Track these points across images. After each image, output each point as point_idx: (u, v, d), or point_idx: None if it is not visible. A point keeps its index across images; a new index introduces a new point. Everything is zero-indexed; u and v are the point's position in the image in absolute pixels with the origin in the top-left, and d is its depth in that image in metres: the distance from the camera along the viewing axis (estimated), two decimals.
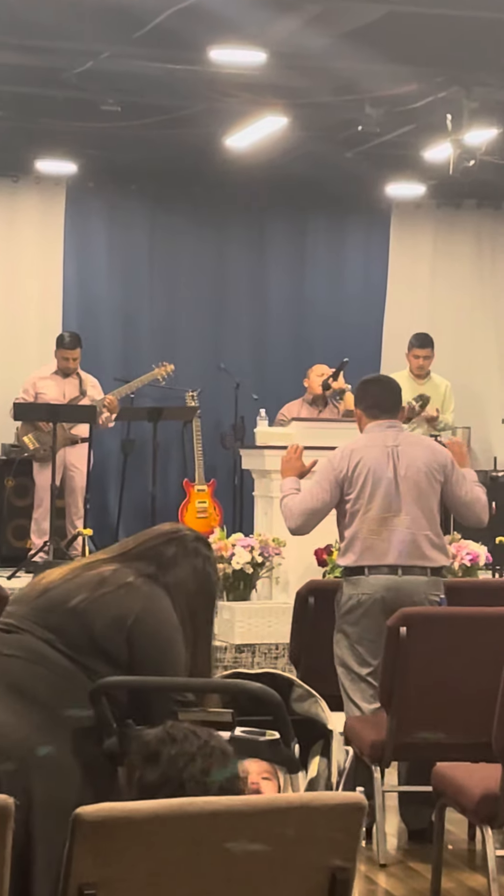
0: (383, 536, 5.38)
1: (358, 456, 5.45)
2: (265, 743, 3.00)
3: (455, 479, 5.50)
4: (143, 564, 3.18)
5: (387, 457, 5.44)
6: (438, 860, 4.56)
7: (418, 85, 8.37)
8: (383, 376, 5.91)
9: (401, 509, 5.39)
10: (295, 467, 5.72)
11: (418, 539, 5.39)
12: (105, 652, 3.02)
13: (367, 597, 5.34)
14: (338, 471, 5.45)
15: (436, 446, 5.70)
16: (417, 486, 5.42)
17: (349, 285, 11.77)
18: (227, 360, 11.04)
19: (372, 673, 5.29)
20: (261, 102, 8.86)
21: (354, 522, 5.42)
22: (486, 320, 11.87)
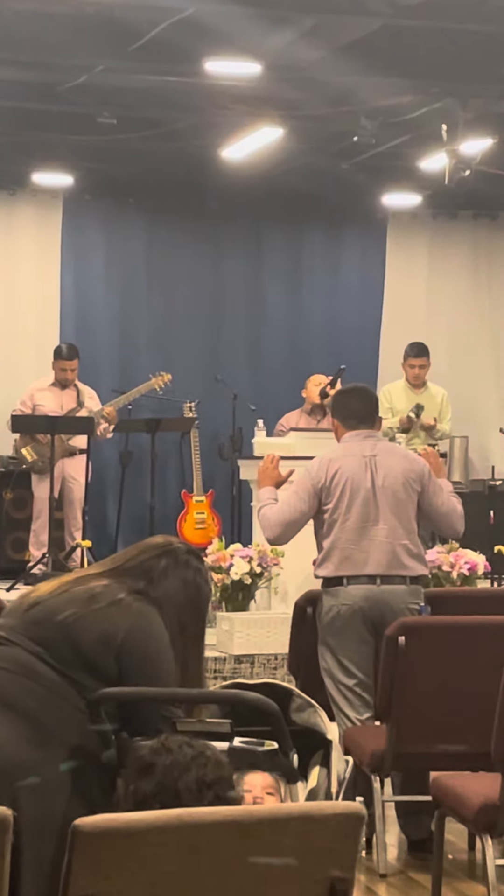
0: (361, 546, 5.39)
1: (336, 466, 5.47)
2: (264, 753, 3.00)
3: (432, 490, 5.51)
4: (134, 580, 3.18)
5: (364, 467, 5.45)
6: (438, 870, 4.56)
7: (413, 96, 8.39)
8: (360, 386, 5.90)
9: (378, 519, 5.40)
10: (272, 477, 5.73)
11: (396, 549, 5.40)
12: (94, 666, 3.01)
13: (347, 607, 5.34)
14: (315, 480, 5.46)
15: (412, 456, 5.71)
16: (395, 496, 5.43)
17: (346, 296, 11.78)
18: (225, 371, 11.05)
19: (358, 684, 5.30)
20: (256, 114, 8.88)
21: (332, 532, 5.43)
22: (482, 329, 11.89)
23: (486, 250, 11.95)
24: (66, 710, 2.97)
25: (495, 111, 8.70)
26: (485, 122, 8.65)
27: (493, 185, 10.11)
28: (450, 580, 7.86)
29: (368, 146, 9.16)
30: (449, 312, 11.82)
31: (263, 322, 11.55)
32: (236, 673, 7.52)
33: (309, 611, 5.65)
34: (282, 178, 10.34)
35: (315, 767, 3.18)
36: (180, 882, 2.38)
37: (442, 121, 8.46)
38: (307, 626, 5.65)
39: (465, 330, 11.83)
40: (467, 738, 4.77)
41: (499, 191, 10.53)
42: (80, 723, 2.96)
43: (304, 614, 5.68)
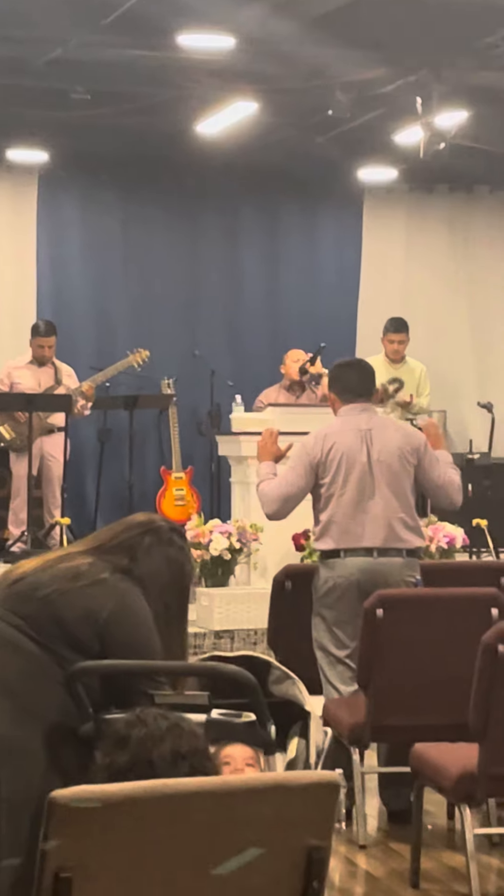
0: (358, 520, 5.40)
1: (332, 440, 5.47)
2: (241, 725, 3.00)
3: (428, 462, 5.52)
4: (118, 558, 3.18)
5: (360, 440, 5.46)
6: (417, 840, 4.59)
7: (387, 69, 8.37)
8: (357, 360, 5.94)
9: (374, 493, 5.41)
10: (271, 452, 5.74)
11: (392, 522, 5.41)
12: (76, 643, 3.01)
13: (344, 579, 5.36)
14: (312, 455, 5.47)
15: (409, 429, 5.72)
16: (391, 470, 5.44)
17: (323, 271, 11.77)
18: (202, 348, 11.04)
19: (350, 655, 5.32)
20: (230, 88, 8.85)
21: (329, 506, 5.44)
22: (459, 304, 11.89)
23: (463, 224, 11.94)
24: (46, 683, 2.97)
25: (470, 84, 8.68)
26: (459, 94, 8.64)
27: (469, 158, 10.11)
28: (429, 553, 7.88)
29: (343, 120, 9.14)
30: (426, 287, 11.81)
31: (240, 298, 11.53)
32: (216, 648, 7.53)
33: (288, 585, 5.67)
34: (257, 153, 10.31)
35: (294, 739, 3.18)
36: (157, 853, 2.39)
37: (416, 94, 8.45)
38: (286, 600, 5.66)
39: (443, 304, 11.83)
40: (445, 710, 4.80)
41: (475, 164, 10.52)
42: (60, 696, 2.97)
43: (282, 589, 5.70)
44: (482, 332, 11.90)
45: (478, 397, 10.82)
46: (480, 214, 11.95)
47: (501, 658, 4.21)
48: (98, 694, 3.00)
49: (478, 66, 8.45)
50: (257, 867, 2.46)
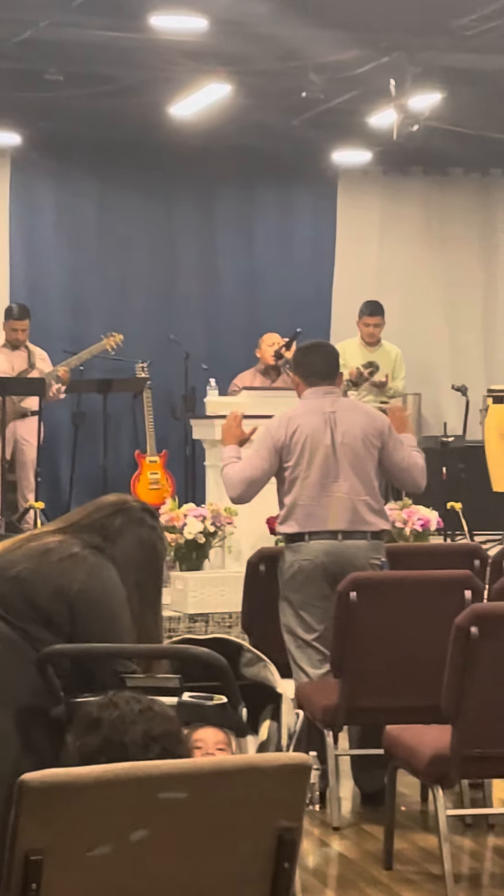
0: (322, 503, 5.40)
1: (296, 423, 5.47)
2: (213, 707, 3.00)
3: (392, 445, 5.52)
4: (90, 535, 3.18)
5: (324, 423, 5.46)
6: (391, 822, 4.60)
7: (361, 50, 8.35)
8: (321, 342, 5.91)
9: (339, 475, 5.41)
10: (235, 435, 5.73)
11: (357, 505, 5.41)
12: (48, 621, 3.01)
13: (309, 562, 5.36)
14: (276, 439, 5.47)
15: (373, 412, 5.72)
16: (354, 452, 5.44)
17: (298, 253, 11.75)
18: (177, 331, 11.02)
19: (318, 638, 5.33)
20: (204, 70, 8.82)
21: (294, 489, 5.44)
22: (434, 287, 11.90)
23: (438, 206, 11.94)
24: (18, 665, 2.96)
25: (443, 65, 8.68)
26: (433, 76, 8.63)
27: (444, 140, 10.10)
28: (403, 536, 7.90)
29: (317, 102, 9.12)
30: (401, 269, 11.81)
31: (215, 281, 11.51)
32: (191, 632, 7.53)
33: (262, 568, 5.66)
34: (232, 136, 10.29)
35: (265, 721, 3.18)
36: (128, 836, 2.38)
37: (390, 76, 8.44)
38: (260, 583, 5.66)
39: (418, 287, 11.83)
40: (419, 692, 4.81)
41: (449, 146, 10.52)
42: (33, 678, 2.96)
43: (257, 572, 5.70)
44: (457, 314, 11.91)
45: (452, 380, 10.83)
46: (455, 197, 11.95)
47: (474, 640, 4.21)
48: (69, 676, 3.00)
49: (451, 48, 8.44)
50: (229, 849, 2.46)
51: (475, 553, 5.74)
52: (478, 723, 4.27)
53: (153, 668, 3.14)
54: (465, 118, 9.81)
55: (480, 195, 12.03)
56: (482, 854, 4.80)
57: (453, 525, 9.16)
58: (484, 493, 9.98)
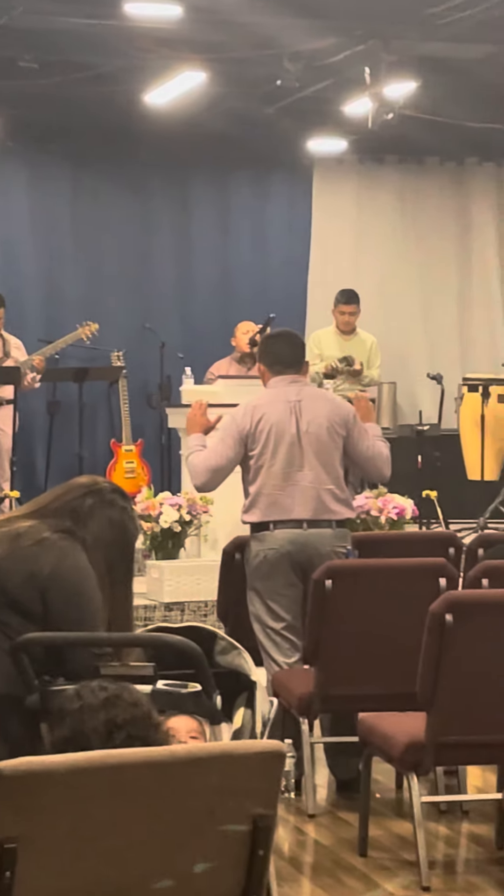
0: (287, 491, 5.40)
1: (261, 412, 5.47)
2: (187, 695, 3.01)
3: (357, 434, 5.53)
4: (60, 520, 3.17)
5: (289, 412, 5.46)
6: (365, 809, 4.61)
7: (336, 38, 8.34)
8: (286, 331, 5.90)
9: (303, 464, 5.42)
10: (200, 423, 5.72)
11: (321, 494, 5.42)
12: (19, 606, 3.01)
13: (274, 552, 5.37)
14: (241, 427, 5.46)
15: (338, 401, 5.72)
16: (319, 441, 5.45)
17: (273, 242, 11.74)
18: (152, 320, 11.00)
19: (286, 627, 5.33)
20: (178, 58, 8.80)
21: (258, 478, 5.45)
22: (409, 275, 11.90)
23: (413, 195, 11.95)
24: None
25: (418, 53, 8.68)
26: (408, 65, 8.63)
27: (419, 129, 10.10)
28: (378, 525, 7.90)
29: (292, 90, 9.11)
30: (376, 258, 11.82)
31: (191, 269, 11.49)
32: (166, 620, 7.52)
33: (237, 557, 5.66)
34: (207, 124, 10.26)
35: (240, 709, 3.19)
36: (102, 824, 2.38)
37: (365, 64, 8.43)
38: (235, 572, 5.66)
39: (393, 276, 11.83)
40: (394, 679, 4.82)
41: (424, 135, 10.52)
42: (6, 666, 2.96)
43: (232, 560, 5.70)
44: (432, 303, 11.93)
45: (427, 369, 10.85)
46: (430, 186, 11.96)
47: (449, 628, 4.23)
48: (43, 664, 2.99)
49: (425, 37, 8.44)
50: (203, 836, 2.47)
51: (450, 541, 5.75)
52: (452, 710, 4.29)
53: (125, 654, 3.15)
54: (440, 107, 9.81)
55: (456, 184, 12.03)
56: (456, 840, 4.83)
57: (428, 513, 9.18)
58: (459, 482, 10.02)
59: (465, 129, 10.38)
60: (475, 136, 10.78)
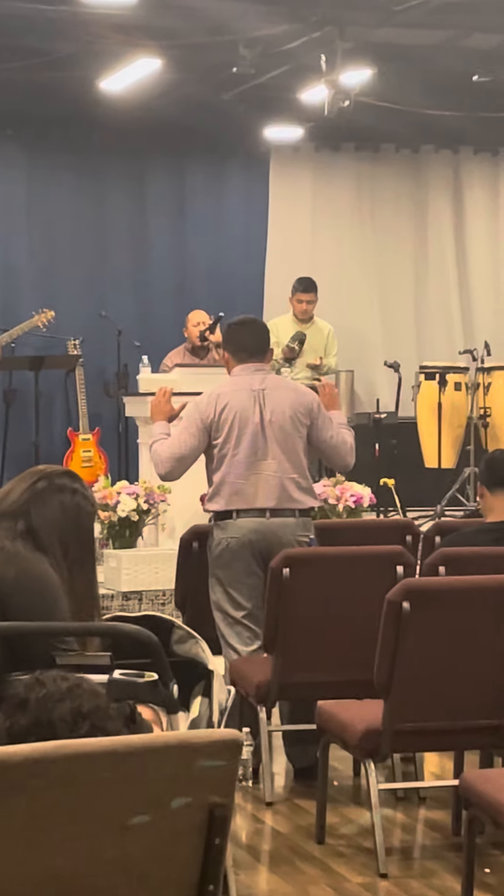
0: (251, 480, 5.40)
1: (224, 400, 5.46)
2: (143, 685, 2.99)
3: (321, 423, 5.52)
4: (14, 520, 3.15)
5: (253, 401, 5.45)
6: (323, 796, 4.62)
7: (291, 25, 8.33)
8: (250, 319, 5.88)
9: (267, 453, 5.41)
10: (164, 411, 5.70)
11: (285, 483, 5.41)
12: None
13: (236, 540, 5.36)
14: (204, 415, 5.45)
15: (302, 389, 5.71)
16: (283, 430, 5.44)
17: (230, 229, 11.73)
18: (109, 307, 10.96)
19: (247, 615, 5.33)
20: (133, 44, 8.76)
21: (222, 467, 5.44)
22: (366, 263, 11.92)
23: (370, 182, 11.96)
24: None
25: (374, 41, 8.68)
26: (364, 52, 8.63)
27: (375, 117, 10.11)
28: (336, 513, 7.92)
29: (248, 77, 9.09)
30: (333, 246, 11.82)
31: (147, 257, 11.46)
32: (124, 609, 7.51)
33: (195, 545, 5.65)
34: (162, 110, 10.23)
35: (197, 698, 3.18)
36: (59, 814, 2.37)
37: (321, 51, 8.42)
38: (193, 560, 5.65)
39: (350, 264, 11.85)
40: (351, 667, 4.82)
41: (380, 122, 10.53)
42: None
43: (189, 549, 5.68)
44: (389, 291, 11.95)
45: (385, 357, 10.87)
46: (387, 173, 11.98)
47: (405, 615, 4.23)
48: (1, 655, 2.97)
49: (381, 24, 8.44)
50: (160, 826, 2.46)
51: (407, 528, 5.76)
52: (409, 697, 4.30)
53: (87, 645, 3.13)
54: (396, 94, 9.82)
55: (412, 171, 12.06)
56: (413, 827, 4.84)
57: (386, 501, 9.20)
58: (416, 469, 10.05)
59: (421, 116, 10.40)
60: (431, 124, 10.81)
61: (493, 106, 10.46)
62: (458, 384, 10.14)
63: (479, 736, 4.43)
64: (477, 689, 4.35)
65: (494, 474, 5.07)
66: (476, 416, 10.09)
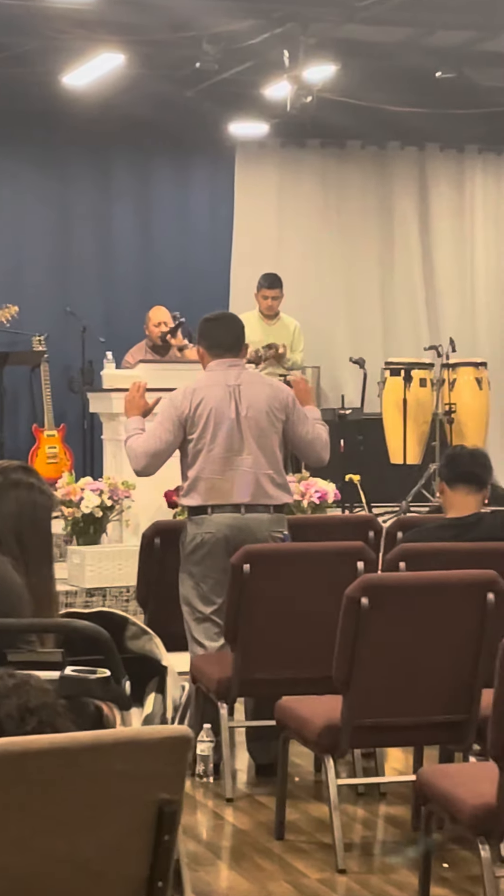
0: (226, 476, 5.39)
1: (200, 395, 5.44)
2: (96, 681, 2.98)
3: (296, 418, 5.52)
4: None
5: (228, 396, 5.44)
6: (282, 792, 4.62)
7: (255, 21, 8.32)
8: (225, 314, 5.89)
9: (243, 449, 5.40)
10: (138, 406, 5.68)
11: (260, 478, 5.41)
12: None
13: (211, 535, 5.36)
14: (180, 410, 5.44)
15: (277, 385, 5.71)
16: (258, 426, 5.43)
17: (195, 226, 11.71)
18: (74, 304, 10.93)
19: (216, 611, 5.32)
20: (96, 39, 8.74)
21: (198, 462, 5.42)
22: (332, 259, 11.92)
23: (335, 179, 11.96)
24: None
25: (337, 37, 8.68)
26: (327, 48, 8.63)
27: (340, 113, 10.11)
28: (301, 509, 7.92)
29: (212, 73, 9.08)
30: (299, 242, 11.82)
31: (112, 253, 11.43)
32: (88, 606, 7.49)
33: (157, 542, 5.64)
34: (126, 106, 10.20)
35: (151, 694, 3.17)
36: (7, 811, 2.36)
37: (284, 47, 8.41)
38: (155, 557, 5.64)
39: (316, 260, 11.85)
40: (312, 663, 4.82)
41: (345, 119, 10.53)
42: None
43: (152, 545, 5.67)
44: (354, 287, 11.95)
45: (350, 353, 10.88)
46: (352, 169, 11.98)
47: (365, 611, 4.23)
48: None
49: (344, 20, 8.44)
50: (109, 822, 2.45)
51: (370, 524, 5.77)
52: (369, 692, 4.30)
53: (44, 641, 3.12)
54: (361, 91, 9.83)
55: (377, 168, 12.06)
56: (373, 822, 4.84)
57: (351, 497, 9.21)
58: (382, 466, 10.06)
59: (386, 112, 10.41)
60: (396, 121, 10.81)
61: (457, 103, 10.48)
62: (424, 380, 10.16)
63: (437, 731, 4.44)
64: (436, 685, 4.36)
65: (454, 470, 5.08)
66: (441, 412, 10.11)
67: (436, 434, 10.11)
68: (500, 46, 9.48)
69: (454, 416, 10.10)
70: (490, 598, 4.31)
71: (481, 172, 12.24)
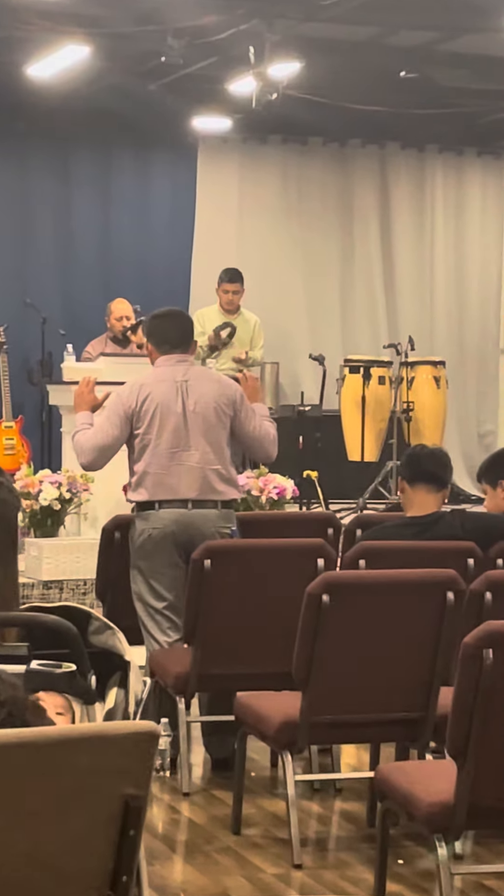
0: (173, 471, 5.40)
1: (147, 391, 5.45)
2: (61, 675, 2.99)
3: (244, 414, 5.54)
4: None
5: (176, 392, 5.45)
6: (239, 787, 4.63)
7: (220, 16, 8.32)
8: (173, 310, 5.87)
9: (189, 444, 5.42)
10: (87, 401, 5.69)
11: (207, 474, 5.42)
12: None
13: (158, 531, 5.36)
14: (127, 406, 5.44)
15: (225, 381, 5.72)
16: (206, 421, 5.44)
17: (156, 219, 11.70)
18: (33, 295, 10.89)
19: (168, 606, 5.33)
20: (61, 31, 8.70)
21: (144, 457, 5.43)
22: (293, 255, 11.95)
23: (296, 175, 11.99)
24: None
25: (301, 34, 8.69)
26: (291, 45, 8.64)
27: (303, 110, 10.13)
28: (259, 504, 7.93)
29: (176, 67, 9.07)
30: (260, 237, 11.84)
31: (73, 245, 11.40)
32: (44, 599, 7.48)
33: (117, 535, 5.64)
34: (90, 98, 10.18)
35: (113, 688, 3.18)
36: None
37: (249, 43, 8.42)
38: (115, 550, 5.64)
39: (276, 255, 11.87)
40: (270, 659, 4.84)
41: (308, 116, 10.55)
42: None
43: (112, 539, 5.67)
44: (314, 284, 11.98)
45: (310, 349, 10.91)
46: (314, 166, 12.01)
47: (325, 608, 4.25)
48: None
49: (308, 17, 8.45)
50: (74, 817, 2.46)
51: (329, 521, 5.79)
52: (327, 689, 4.32)
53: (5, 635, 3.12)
54: (324, 88, 9.85)
55: (339, 165, 12.10)
56: (329, 818, 4.87)
57: (309, 494, 9.24)
58: (340, 462, 10.11)
59: (349, 110, 10.43)
60: (358, 118, 10.84)
61: (419, 102, 10.53)
62: (382, 378, 10.21)
63: (395, 729, 4.47)
64: (394, 683, 4.39)
65: (414, 469, 5.11)
66: (399, 410, 10.17)
67: (393, 432, 10.16)
68: (463, 47, 9.53)
69: (412, 414, 10.16)
70: (450, 597, 4.35)
71: (441, 172, 12.30)
